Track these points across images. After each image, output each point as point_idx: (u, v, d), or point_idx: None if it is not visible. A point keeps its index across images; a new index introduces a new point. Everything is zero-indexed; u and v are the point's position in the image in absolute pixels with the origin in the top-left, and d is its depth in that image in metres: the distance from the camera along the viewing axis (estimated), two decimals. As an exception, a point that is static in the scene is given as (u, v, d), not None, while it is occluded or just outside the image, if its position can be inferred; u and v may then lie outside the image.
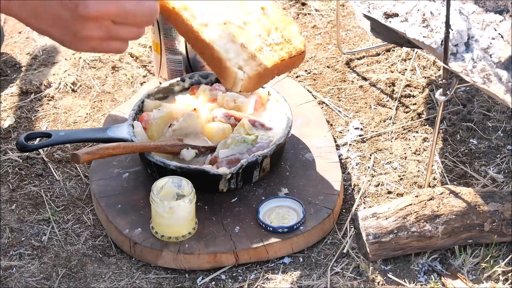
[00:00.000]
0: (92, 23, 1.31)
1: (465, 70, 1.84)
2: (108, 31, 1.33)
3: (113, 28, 1.34)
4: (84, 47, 1.35)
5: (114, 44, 1.37)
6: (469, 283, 1.81)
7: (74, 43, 1.35)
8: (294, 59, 1.94)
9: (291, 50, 1.93)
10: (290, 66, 1.96)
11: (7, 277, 1.87)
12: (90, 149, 1.86)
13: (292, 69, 2.03)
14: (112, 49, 1.37)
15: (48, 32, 1.34)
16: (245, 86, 1.87)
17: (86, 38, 1.33)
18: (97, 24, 1.31)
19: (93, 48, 1.36)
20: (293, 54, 1.93)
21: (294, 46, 1.94)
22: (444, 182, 2.05)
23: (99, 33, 1.33)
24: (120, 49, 1.38)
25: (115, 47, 1.37)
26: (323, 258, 1.90)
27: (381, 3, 2.01)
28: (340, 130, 2.20)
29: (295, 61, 1.96)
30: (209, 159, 1.96)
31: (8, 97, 2.32)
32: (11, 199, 2.04)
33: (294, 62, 1.96)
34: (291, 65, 1.96)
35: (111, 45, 1.37)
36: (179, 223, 1.86)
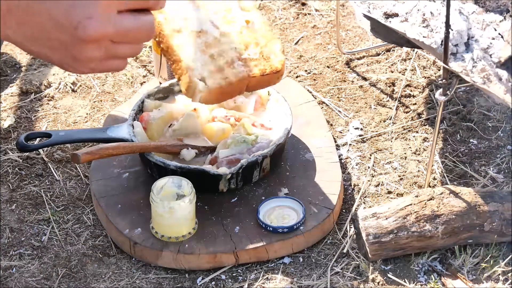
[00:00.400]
0: (91, 44, 1.29)
1: (465, 70, 1.84)
2: (108, 50, 1.31)
3: (112, 48, 1.32)
4: (84, 69, 1.33)
5: (113, 63, 1.35)
6: (469, 283, 1.81)
7: (74, 66, 1.33)
8: (267, 77, 1.88)
9: (266, 68, 1.88)
10: (263, 83, 1.91)
11: (7, 277, 1.87)
12: (90, 149, 1.86)
13: (266, 86, 1.97)
14: (111, 68, 1.35)
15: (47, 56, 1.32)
16: (205, 99, 1.84)
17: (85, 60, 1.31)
18: (96, 45, 1.29)
19: (92, 69, 1.34)
20: (266, 72, 1.87)
21: (271, 64, 1.88)
22: (444, 182, 2.05)
23: (99, 54, 1.31)
24: (119, 67, 1.36)
25: (114, 66, 1.35)
26: (323, 258, 1.90)
27: (381, 3, 2.01)
28: (340, 130, 2.20)
29: (269, 80, 1.90)
30: (209, 159, 1.96)
31: (8, 97, 2.32)
32: (11, 199, 2.04)
33: (268, 80, 1.90)
34: (265, 83, 1.91)
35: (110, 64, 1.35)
36: (179, 223, 1.86)
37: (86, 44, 1.28)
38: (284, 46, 2.47)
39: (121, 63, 1.35)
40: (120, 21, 1.30)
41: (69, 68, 1.33)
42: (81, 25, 1.26)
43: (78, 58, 1.30)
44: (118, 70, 1.36)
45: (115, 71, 1.36)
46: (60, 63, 1.32)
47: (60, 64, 1.32)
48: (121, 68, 1.36)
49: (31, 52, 1.32)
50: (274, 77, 1.90)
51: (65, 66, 1.33)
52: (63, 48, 1.29)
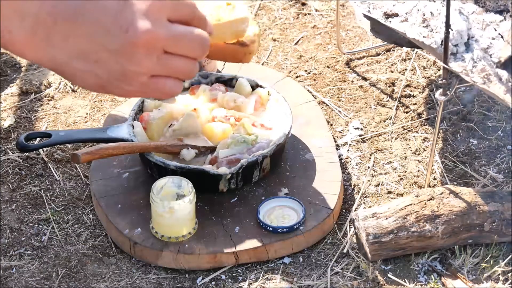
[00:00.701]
0: (142, 50, 1.18)
1: (465, 70, 1.84)
2: (160, 61, 1.21)
3: (165, 58, 1.21)
4: (133, 84, 1.21)
5: (166, 83, 1.22)
6: (469, 283, 1.81)
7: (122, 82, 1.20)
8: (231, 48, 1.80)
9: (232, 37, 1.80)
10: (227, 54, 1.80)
11: (7, 277, 1.87)
12: (90, 149, 1.86)
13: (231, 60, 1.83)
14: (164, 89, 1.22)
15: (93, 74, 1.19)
16: None
17: (135, 72, 1.20)
18: (148, 51, 1.19)
19: (142, 85, 1.21)
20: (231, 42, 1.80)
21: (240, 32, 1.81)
22: (444, 182, 2.05)
23: (150, 64, 1.20)
24: (173, 89, 1.22)
25: (167, 87, 1.22)
26: (323, 258, 1.90)
27: (381, 3, 2.01)
28: (340, 130, 2.20)
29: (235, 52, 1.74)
30: (209, 159, 1.96)
31: (8, 97, 2.32)
32: (11, 199, 2.04)
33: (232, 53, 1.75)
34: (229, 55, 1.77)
35: (163, 84, 1.22)
36: (179, 223, 1.86)
37: (137, 47, 1.19)
38: (284, 46, 2.47)
39: (175, 84, 1.23)
40: (173, 27, 1.21)
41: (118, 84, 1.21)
42: (132, 27, 1.18)
43: (127, 69, 1.20)
44: (171, 93, 1.23)
45: (168, 94, 1.23)
46: (108, 80, 1.21)
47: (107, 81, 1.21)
48: (176, 92, 1.23)
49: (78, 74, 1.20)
50: (239, 51, 1.82)
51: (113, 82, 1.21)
52: (111, 59, 1.19)
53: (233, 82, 2.12)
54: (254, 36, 1.84)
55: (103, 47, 1.19)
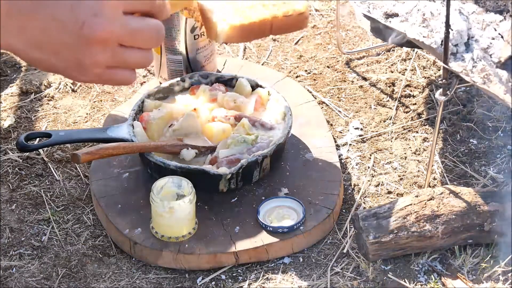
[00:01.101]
0: (98, 45, 1.21)
1: (465, 70, 1.84)
2: (115, 55, 1.24)
3: (120, 51, 1.24)
4: (88, 75, 1.25)
5: (122, 73, 1.26)
6: (469, 283, 1.81)
7: (78, 72, 1.24)
8: (291, 19, 1.86)
9: (288, 10, 1.87)
10: (287, 27, 1.89)
11: (7, 277, 1.87)
12: (90, 149, 1.86)
13: (293, 30, 1.95)
14: (118, 79, 1.26)
15: (51, 63, 1.24)
16: (227, 35, 1.82)
17: (90, 64, 1.23)
18: (103, 47, 1.22)
19: (98, 75, 1.25)
20: (289, 13, 1.86)
21: (294, 7, 1.87)
22: (444, 182, 2.05)
23: (105, 57, 1.23)
24: (127, 78, 1.27)
25: (122, 77, 1.27)
26: (323, 258, 1.90)
27: (381, 3, 2.01)
28: (340, 130, 2.20)
29: (295, 22, 1.88)
30: (209, 159, 1.96)
31: (8, 97, 2.32)
32: (11, 199, 2.04)
33: (293, 23, 1.89)
34: (290, 26, 1.90)
35: (118, 74, 1.26)
36: (179, 223, 1.86)
37: (92, 44, 1.22)
38: (284, 46, 2.48)
39: (130, 74, 1.27)
40: (128, 21, 1.24)
41: (74, 75, 1.26)
42: (86, 24, 1.20)
43: (83, 62, 1.23)
44: (126, 83, 1.28)
45: (123, 83, 1.28)
46: (65, 69, 1.25)
47: (64, 70, 1.25)
48: (130, 81, 1.28)
49: (34, 61, 1.25)
50: (298, 19, 1.88)
51: (70, 72, 1.25)
52: (67, 52, 1.23)
53: (233, 82, 2.12)
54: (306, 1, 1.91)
55: (59, 41, 1.21)
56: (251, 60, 2.42)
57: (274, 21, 1.86)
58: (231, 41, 1.85)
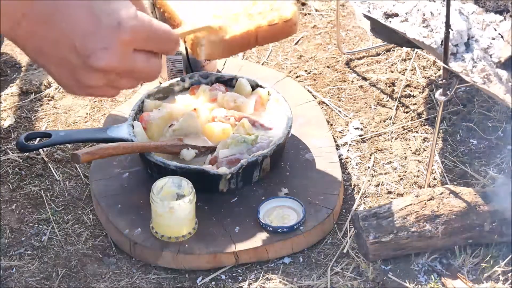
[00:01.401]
0: (99, 74, 1.27)
1: (465, 70, 1.84)
2: (111, 81, 1.30)
3: (115, 80, 1.31)
4: (81, 92, 1.33)
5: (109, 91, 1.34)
6: (469, 283, 1.81)
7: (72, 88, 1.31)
8: (277, 27, 1.83)
9: (274, 18, 1.84)
10: (274, 35, 1.85)
11: (7, 277, 1.87)
12: (90, 149, 1.86)
13: (281, 38, 1.91)
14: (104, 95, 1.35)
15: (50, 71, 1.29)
16: (209, 54, 1.80)
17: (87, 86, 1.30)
18: (102, 75, 1.28)
19: (89, 94, 1.33)
20: (274, 22, 1.83)
21: (280, 14, 1.84)
22: (444, 182, 2.05)
23: (101, 83, 1.30)
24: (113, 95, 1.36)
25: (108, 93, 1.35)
26: (323, 258, 1.90)
27: (381, 3, 2.01)
28: (340, 130, 2.20)
29: (281, 30, 1.85)
30: (209, 159, 1.96)
31: (8, 97, 2.32)
32: (11, 199, 2.04)
33: (280, 31, 1.85)
34: (276, 35, 1.86)
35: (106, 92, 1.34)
36: (179, 223, 1.86)
37: (94, 72, 1.26)
38: (284, 46, 2.48)
39: (115, 92, 1.34)
40: (133, 60, 1.29)
41: (67, 88, 1.31)
42: (95, 55, 1.24)
43: (81, 82, 1.28)
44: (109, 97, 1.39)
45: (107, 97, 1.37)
46: (61, 81, 1.30)
47: (59, 81, 1.31)
48: (113, 96, 1.36)
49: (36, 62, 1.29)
50: (285, 26, 1.84)
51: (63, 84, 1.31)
52: (68, 69, 1.27)
53: (233, 82, 2.12)
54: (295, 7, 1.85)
55: (64, 57, 1.26)
56: (251, 60, 2.42)
57: (259, 32, 1.83)
58: (214, 57, 1.81)
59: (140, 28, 1.27)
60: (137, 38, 1.27)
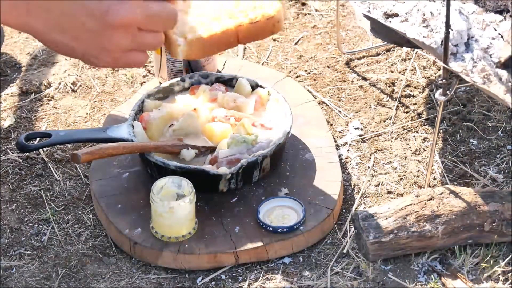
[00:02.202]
0: (120, 30, 1.26)
1: (465, 70, 1.84)
2: (134, 38, 1.29)
3: (138, 36, 1.30)
4: (108, 59, 1.30)
5: (136, 56, 1.32)
6: (469, 283, 1.81)
7: (98, 57, 1.29)
8: (258, 25, 1.80)
9: (256, 16, 1.83)
10: (256, 33, 1.82)
11: (7, 277, 1.87)
12: (90, 149, 1.86)
13: (264, 36, 1.88)
14: (133, 61, 1.32)
15: (70, 47, 1.27)
16: (186, 53, 1.73)
17: (112, 49, 1.28)
18: (125, 32, 1.27)
19: (116, 59, 1.30)
20: (256, 20, 1.78)
21: (263, 12, 1.80)
22: (444, 182, 2.05)
23: (126, 41, 1.28)
24: (141, 60, 1.33)
25: (137, 59, 1.33)
26: (323, 258, 1.90)
27: (381, 3, 2.01)
28: (340, 130, 2.20)
29: (264, 28, 1.80)
30: (209, 159, 1.96)
31: (8, 97, 2.32)
32: (11, 199, 2.04)
33: (262, 29, 1.81)
34: (260, 32, 1.82)
35: (133, 57, 1.32)
36: (179, 223, 1.86)
37: (116, 29, 1.26)
38: (284, 46, 2.48)
39: (142, 56, 1.33)
40: (148, 6, 1.29)
41: (92, 60, 1.29)
42: (111, 10, 1.24)
43: (105, 46, 1.27)
44: (138, 64, 1.33)
45: (135, 66, 1.33)
46: (83, 54, 1.29)
47: (83, 55, 1.29)
48: (142, 63, 1.34)
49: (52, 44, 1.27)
50: (267, 24, 1.79)
51: (88, 57, 1.29)
52: (90, 37, 1.26)
53: (233, 82, 2.12)
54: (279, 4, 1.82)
55: (83, 27, 1.25)
56: (251, 60, 2.42)
57: (239, 30, 1.79)
58: (192, 57, 1.77)
59: None
60: None
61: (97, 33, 1.26)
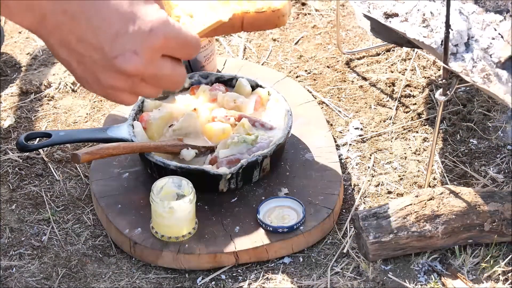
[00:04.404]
0: (123, 76, 1.23)
1: (465, 70, 1.84)
2: (132, 86, 1.26)
3: (138, 85, 1.26)
4: (100, 92, 1.27)
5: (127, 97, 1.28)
6: (469, 283, 1.81)
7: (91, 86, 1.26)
8: (263, 15, 1.80)
9: (263, 6, 1.81)
10: (260, 23, 1.83)
11: (7, 277, 1.87)
12: (90, 149, 1.86)
13: (267, 27, 1.88)
14: (121, 101, 1.29)
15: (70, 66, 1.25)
16: None
17: (107, 87, 1.25)
18: (126, 79, 1.23)
19: (107, 95, 1.27)
20: (262, 10, 1.80)
21: (270, 4, 1.81)
22: (444, 182, 2.05)
23: (123, 86, 1.25)
24: (130, 102, 1.30)
25: (127, 100, 1.29)
26: (323, 258, 1.90)
27: (381, 3, 2.01)
28: (340, 130, 2.20)
29: (268, 19, 1.82)
30: (209, 159, 1.96)
31: (8, 97, 2.32)
32: (11, 199, 2.04)
33: (266, 20, 1.82)
34: (262, 23, 1.83)
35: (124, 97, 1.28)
36: (179, 223, 1.86)
37: (117, 74, 1.23)
38: (284, 46, 2.48)
39: (133, 99, 1.29)
40: (160, 66, 1.25)
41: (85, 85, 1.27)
42: (123, 57, 1.21)
43: (102, 83, 1.25)
44: (126, 104, 1.30)
45: (123, 104, 1.29)
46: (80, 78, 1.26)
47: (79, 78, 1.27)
48: (130, 104, 1.30)
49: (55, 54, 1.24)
50: (272, 16, 1.81)
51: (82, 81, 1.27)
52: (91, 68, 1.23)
53: (233, 82, 2.12)
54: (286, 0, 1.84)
55: (89, 57, 1.22)
56: (251, 60, 2.42)
57: (245, 17, 1.80)
58: None
59: (172, 34, 1.23)
60: (167, 45, 1.23)
61: (99, 68, 1.23)
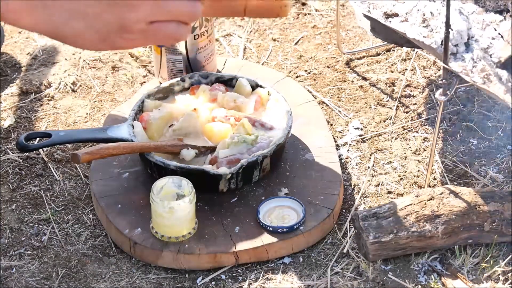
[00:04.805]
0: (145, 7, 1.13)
1: (465, 70, 1.84)
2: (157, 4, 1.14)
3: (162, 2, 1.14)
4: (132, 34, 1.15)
5: (167, 27, 1.15)
6: (469, 283, 1.81)
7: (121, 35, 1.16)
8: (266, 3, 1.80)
9: None
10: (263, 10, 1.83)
11: (7, 277, 1.87)
12: (90, 149, 1.86)
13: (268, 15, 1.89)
14: (166, 33, 1.15)
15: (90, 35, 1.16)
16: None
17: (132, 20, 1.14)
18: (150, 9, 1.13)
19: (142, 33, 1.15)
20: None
21: None
22: (444, 182, 2.05)
23: (147, 8, 1.13)
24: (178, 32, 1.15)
25: (170, 30, 1.15)
26: (323, 258, 1.90)
27: (381, 3, 2.01)
28: (340, 130, 2.20)
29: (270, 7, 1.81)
30: (209, 159, 1.96)
31: (8, 97, 2.32)
32: (11, 199, 2.04)
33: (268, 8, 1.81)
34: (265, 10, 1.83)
35: (164, 28, 1.15)
36: (179, 223, 1.86)
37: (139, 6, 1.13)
38: (284, 46, 2.48)
39: (178, 27, 1.15)
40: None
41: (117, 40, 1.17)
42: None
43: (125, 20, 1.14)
44: (176, 38, 1.15)
45: (171, 39, 1.16)
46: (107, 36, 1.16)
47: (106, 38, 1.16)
48: (181, 35, 1.16)
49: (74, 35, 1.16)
50: (275, 5, 1.81)
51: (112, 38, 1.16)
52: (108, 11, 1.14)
53: (233, 82, 2.12)
54: None
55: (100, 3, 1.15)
56: (251, 60, 2.42)
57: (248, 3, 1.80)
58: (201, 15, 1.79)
59: None
60: None
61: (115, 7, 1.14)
